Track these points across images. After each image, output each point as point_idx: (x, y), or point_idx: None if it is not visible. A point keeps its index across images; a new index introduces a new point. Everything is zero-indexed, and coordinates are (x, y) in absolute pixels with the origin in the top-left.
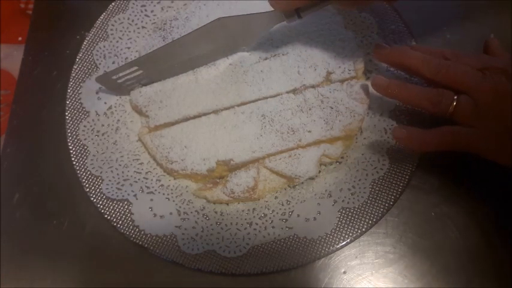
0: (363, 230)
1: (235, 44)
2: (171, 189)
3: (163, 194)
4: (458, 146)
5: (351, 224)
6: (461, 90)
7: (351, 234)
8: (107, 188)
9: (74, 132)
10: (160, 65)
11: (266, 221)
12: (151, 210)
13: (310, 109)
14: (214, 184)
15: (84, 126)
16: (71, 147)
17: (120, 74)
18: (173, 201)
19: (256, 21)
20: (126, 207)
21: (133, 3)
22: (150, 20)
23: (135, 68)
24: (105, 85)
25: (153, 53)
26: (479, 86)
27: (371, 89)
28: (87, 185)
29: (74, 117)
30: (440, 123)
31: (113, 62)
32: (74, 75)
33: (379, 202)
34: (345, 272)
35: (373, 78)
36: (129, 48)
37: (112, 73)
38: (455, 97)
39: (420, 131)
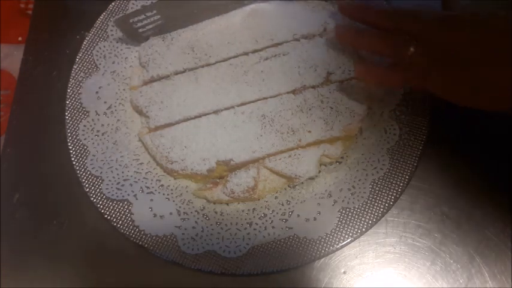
0: (363, 230)
1: None
2: (171, 190)
3: (163, 194)
4: (420, 79)
5: (351, 224)
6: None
7: (351, 234)
8: (107, 188)
9: (73, 132)
10: (178, 10)
11: (266, 221)
12: (151, 210)
13: (310, 109)
14: (214, 184)
15: (84, 126)
16: (70, 147)
17: (138, 18)
18: (173, 201)
19: None
20: (126, 207)
21: (133, 3)
22: None
23: (154, 12)
24: (121, 28)
25: None
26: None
27: (371, 89)
28: (87, 185)
29: (74, 117)
30: None
31: (113, 62)
32: (74, 75)
33: (379, 202)
34: (345, 272)
35: (335, 29)
36: (129, 48)
37: (131, 15)
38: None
39: (384, 68)
